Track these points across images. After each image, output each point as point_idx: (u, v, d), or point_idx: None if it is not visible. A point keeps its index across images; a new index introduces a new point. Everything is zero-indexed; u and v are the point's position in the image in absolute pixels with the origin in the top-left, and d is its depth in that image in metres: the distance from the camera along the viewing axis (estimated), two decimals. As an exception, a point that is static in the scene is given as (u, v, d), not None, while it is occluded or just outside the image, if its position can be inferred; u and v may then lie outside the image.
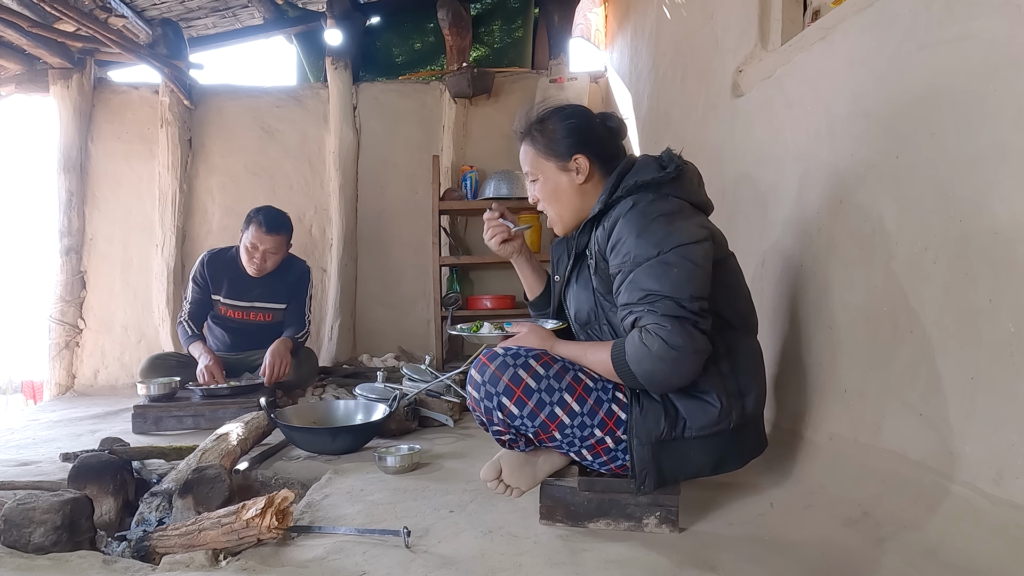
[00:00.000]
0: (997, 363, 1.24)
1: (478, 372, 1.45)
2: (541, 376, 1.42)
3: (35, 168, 7.31)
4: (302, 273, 3.29)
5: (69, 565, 1.33)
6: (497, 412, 1.44)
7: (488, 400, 1.44)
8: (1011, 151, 1.21)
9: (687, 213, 1.44)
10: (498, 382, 1.42)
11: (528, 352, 1.45)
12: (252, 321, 3.21)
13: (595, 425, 1.43)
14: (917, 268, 1.44)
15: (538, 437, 1.47)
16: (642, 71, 3.51)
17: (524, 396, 1.41)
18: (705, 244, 1.39)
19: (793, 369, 1.93)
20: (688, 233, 1.38)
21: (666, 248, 1.35)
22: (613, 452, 1.46)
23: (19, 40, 3.60)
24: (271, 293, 3.20)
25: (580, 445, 1.45)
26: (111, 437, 2.25)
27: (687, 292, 1.33)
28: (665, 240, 1.36)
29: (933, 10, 1.40)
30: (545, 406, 1.41)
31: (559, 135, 1.57)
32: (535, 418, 1.42)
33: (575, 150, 1.55)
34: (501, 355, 1.44)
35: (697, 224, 1.43)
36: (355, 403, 2.49)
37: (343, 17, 4.27)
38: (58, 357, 3.95)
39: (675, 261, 1.35)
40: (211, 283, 3.18)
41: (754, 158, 2.22)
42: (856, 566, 1.28)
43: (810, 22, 2.09)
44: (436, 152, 4.12)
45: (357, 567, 1.32)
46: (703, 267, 1.37)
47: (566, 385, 1.42)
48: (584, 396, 1.42)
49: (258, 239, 3.06)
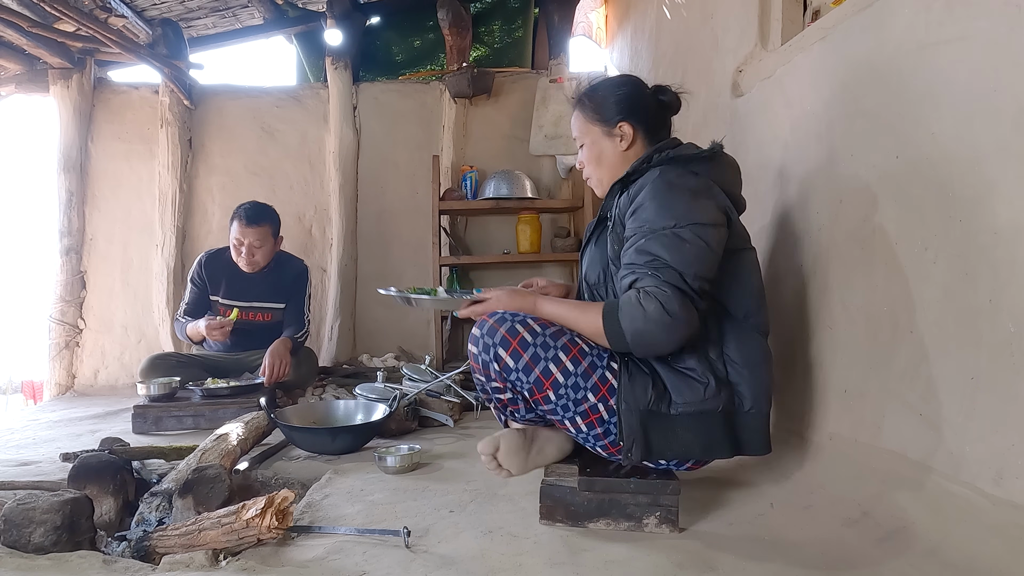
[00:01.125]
0: (997, 363, 1.24)
1: (478, 327, 1.50)
2: (537, 333, 1.45)
3: (35, 168, 7.31)
4: (299, 272, 3.29)
5: (69, 565, 1.33)
6: (493, 364, 1.47)
7: (485, 353, 1.48)
8: (1011, 151, 1.21)
9: (712, 193, 1.45)
10: (495, 333, 1.46)
11: (526, 314, 1.49)
12: (251, 321, 3.20)
13: (588, 388, 1.44)
14: (917, 268, 1.44)
15: (533, 396, 1.49)
16: (642, 71, 3.51)
17: (520, 348, 1.44)
18: (721, 229, 1.41)
19: (793, 369, 1.93)
20: (707, 214, 1.40)
21: (683, 223, 1.38)
22: (606, 424, 1.48)
23: (19, 40, 3.60)
24: (269, 293, 3.20)
25: (574, 410, 1.46)
26: (111, 437, 2.25)
27: (693, 269, 1.36)
28: (685, 215, 1.38)
29: (933, 10, 1.40)
30: (540, 360, 1.43)
31: (608, 102, 1.61)
32: (530, 372, 1.44)
33: (621, 117, 1.60)
34: (501, 312, 1.49)
35: (718, 207, 1.44)
36: (355, 403, 2.49)
37: (343, 17, 4.27)
38: (58, 357, 3.95)
39: (689, 237, 1.37)
40: (209, 283, 3.18)
41: (754, 158, 2.21)
42: (856, 566, 1.28)
43: (810, 22, 2.09)
44: (436, 152, 4.12)
45: (357, 567, 1.32)
46: (715, 250, 1.39)
47: (562, 345, 1.45)
48: (579, 358, 1.44)
49: (241, 233, 3.07)
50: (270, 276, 3.19)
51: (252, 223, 3.08)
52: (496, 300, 1.56)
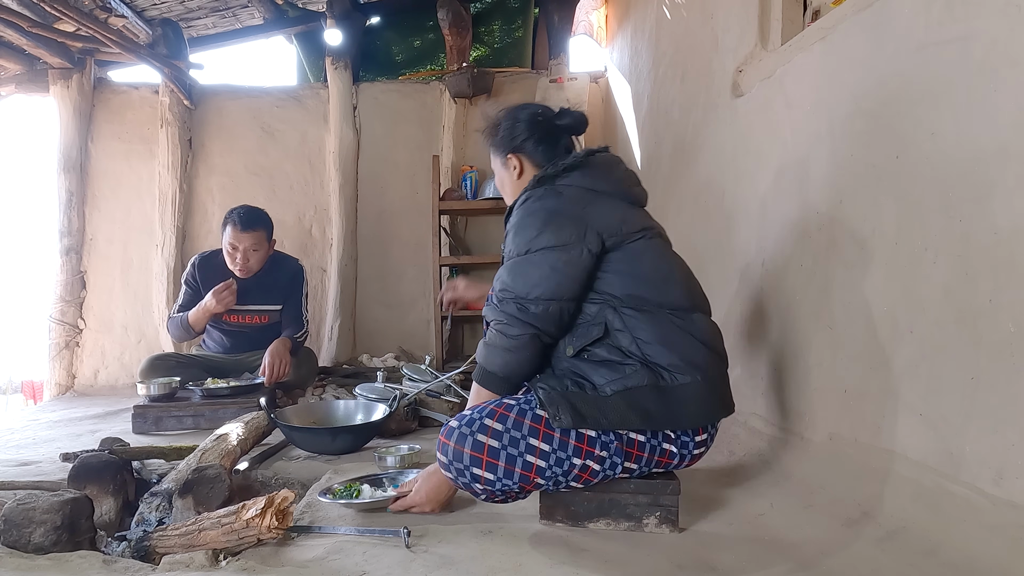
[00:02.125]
0: (997, 363, 1.24)
1: (441, 453, 1.46)
2: (500, 432, 1.41)
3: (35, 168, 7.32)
4: (295, 272, 3.24)
5: (69, 565, 1.33)
6: (475, 484, 1.44)
7: (462, 476, 1.44)
8: (1011, 151, 1.21)
9: (568, 212, 1.50)
10: (462, 456, 1.41)
11: (481, 413, 1.44)
12: (249, 324, 3.18)
13: (570, 456, 1.41)
14: (917, 268, 1.44)
15: (525, 489, 1.47)
16: (642, 71, 3.51)
17: (491, 459, 1.40)
18: (571, 250, 1.47)
19: (793, 369, 1.93)
20: (557, 237, 1.48)
21: (534, 248, 1.49)
22: (602, 473, 1.45)
23: (19, 40, 3.60)
24: (265, 295, 3.16)
25: (566, 480, 1.44)
26: (111, 437, 2.25)
27: (536, 293, 1.47)
28: (534, 240, 1.49)
29: (933, 10, 1.40)
30: (516, 459, 1.41)
31: (501, 136, 1.73)
32: (512, 475, 1.41)
33: (510, 150, 1.71)
34: (456, 428, 1.44)
35: (575, 224, 1.49)
36: (355, 403, 2.49)
37: (343, 17, 4.27)
38: (58, 357, 3.95)
39: (536, 261, 1.48)
40: (203, 287, 3.10)
41: (754, 158, 2.22)
42: (856, 566, 1.28)
43: (810, 22, 2.09)
44: (436, 152, 4.12)
45: (357, 567, 1.32)
46: (562, 271, 1.47)
47: (528, 429, 1.41)
48: (548, 432, 1.41)
49: (236, 238, 3.02)
50: (265, 278, 3.15)
51: (247, 228, 3.02)
52: (417, 492, 1.58)
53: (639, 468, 1.48)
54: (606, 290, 1.49)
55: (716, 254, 2.50)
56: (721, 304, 2.44)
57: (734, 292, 2.33)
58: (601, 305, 1.49)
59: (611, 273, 1.50)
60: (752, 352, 2.19)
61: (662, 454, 1.48)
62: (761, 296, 2.13)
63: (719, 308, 2.44)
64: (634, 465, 1.46)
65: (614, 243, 1.50)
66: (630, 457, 1.45)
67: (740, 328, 2.28)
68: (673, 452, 1.48)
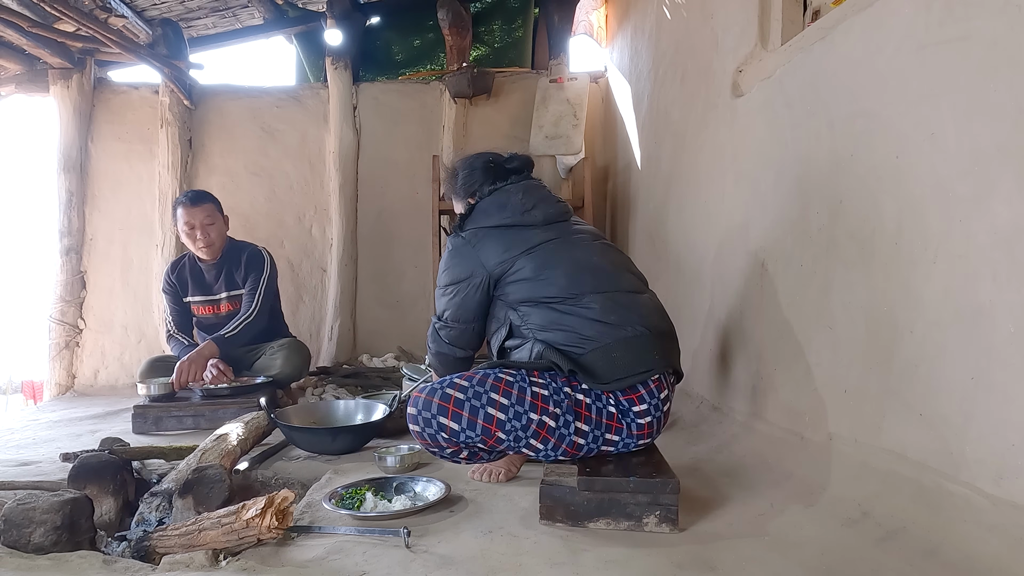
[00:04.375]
0: (997, 363, 1.24)
1: (412, 405, 1.67)
2: (466, 387, 1.63)
3: (35, 168, 7.32)
4: (252, 254, 3.20)
5: (69, 565, 1.33)
6: (441, 433, 1.63)
7: (428, 426, 1.63)
8: (1011, 151, 1.21)
9: (463, 252, 1.82)
10: (431, 405, 1.63)
11: (450, 376, 1.69)
12: (224, 314, 3.17)
13: (527, 411, 1.60)
14: (917, 268, 1.44)
15: (487, 444, 1.64)
16: (642, 71, 3.51)
17: (457, 408, 1.61)
18: (470, 284, 1.80)
19: (793, 369, 1.93)
20: (457, 274, 1.82)
21: (444, 283, 1.86)
22: (558, 431, 1.61)
23: (19, 40, 3.60)
24: (229, 281, 3.16)
25: (526, 436, 1.61)
26: (111, 437, 2.25)
27: (447, 314, 1.85)
28: (442, 276, 1.86)
29: (933, 10, 1.40)
30: (478, 411, 1.60)
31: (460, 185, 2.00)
32: (475, 426, 1.60)
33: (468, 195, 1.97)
34: (428, 385, 1.70)
35: (469, 261, 1.80)
36: (355, 403, 2.49)
37: (343, 17, 4.27)
38: (58, 357, 3.95)
39: (448, 292, 1.84)
40: (179, 286, 3.17)
41: (754, 158, 2.21)
42: (856, 566, 1.28)
43: (810, 22, 2.09)
44: (436, 152, 4.12)
45: (357, 567, 1.32)
46: (462, 301, 1.82)
47: (489, 386, 1.62)
48: (508, 389, 1.62)
49: (189, 215, 3.03)
50: (225, 264, 3.15)
51: (196, 202, 3.05)
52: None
53: (591, 431, 1.63)
54: (507, 297, 1.78)
55: (716, 254, 2.50)
56: (721, 304, 2.44)
57: (734, 292, 2.33)
58: (505, 309, 1.79)
59: (509, 284, 1.77)
60: (752, 352, 2.19)
61: (609, 417, 1.64)
62: (761, 296, 2.13)
63: (719, 308, 2.45)
64: (585, 427, 1.63)
65: (503, 268, 1.77)
66: (579, 417, 1.62)
67: (740, 328, 2.28)
68: (619, 417, 1.65)
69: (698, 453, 2.14)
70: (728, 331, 2.38)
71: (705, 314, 2.56)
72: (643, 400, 1.64)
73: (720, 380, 2.43)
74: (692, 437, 2.30)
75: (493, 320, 1.83)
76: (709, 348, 2.51)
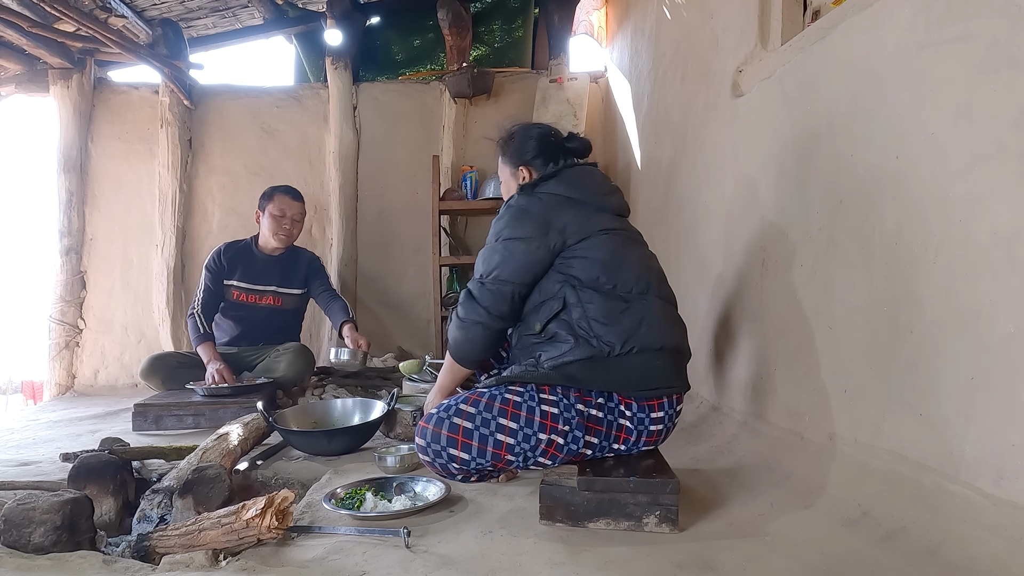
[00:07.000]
0: (997, 363, 1.24)
1: (420, 437, 1.63)
2: (473, 415, 1.59)
3: (35, 168, 7.32)
4: (311, 259, 3.43)
5: (69, 565, 1.33)
6: (452, 464, 1.61)
7: (439, 457, 1.61)
8: (1011, 151, 1.21)
9: (535, 213, 1.69)
10: (440, 437, 1.60)
11: (456, 400, 1.63)
12: (262, 305, 3.27)
13: (536, 431, 1.57)
14: (917, 268, 1.44)
15: (497, 467, 1.64)
16: (642, 71, 3.51)
17: (466, 439, 1.58)
18: (532, 243, 1.68)
19: (793, 369, 1.93)
20: (522, 230, 1.68)
21: (502, 237, 1.71)
22: (566, 447, 1.60)
23: (19, 40, 3.60)
24: (284, 279, 3.31)
25: (534, 456, 1.60)
26: (111, 437, 2.25)
27: (493, 273, 1.69)
28: (502, 231, 1.72)
29: (933, 10, 1.40)
30: (487, 439, 1.58)
31: (514, 150, 1.95)
32: (484, 454, 1.59)
33: (522, 162, 1.93)
34: (434, 413, 1.63)
35: (540, 222, 1.68)
36: (352, 403, 2.48)
37: (343, 17, 4.27)
38: (58, 357, 3.95)
39: (499, 248, 1.70)
40: (227, 267, 3.25)
41: (754, 158, 2.21)
42: (856, 566, 1.28)
43: (810, 22, 2.09)
44: (436, 152, 4.12)
45: (357, 567, 1.32)
46: (519, 258, 1.68)
47: (497, 410, 1.59)
48: (516, 412, 1.58)
49: (286, 204, 3.24)
50: (285, 261, 3.32)
51: (297, 198, 3.29)
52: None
53: (599, 442, 1.62)
54: (569, 272, 1.67)
55: (716, 254, 2.50)
56: (721, 304, 2.44)
57: (734, 292, 2.33)
58: (563, 284, 1.67)
59: (576, 259, 1.67)
60: (752, 352, 2.19)
61: (619, 428, 1.63)
62: (761, 296, 2.13)
63: (719, 307, 2.45)
64: (595, 439, 1.61)
65: (578, 238, 1.68)
66: (590, 431, 1.60)
67: (739, 328, 2.28)
68: (630, 428, 1.63)
69: (698, 453, 2.14)
70: (728, 331, 2.38)
71: (705, 314, 2.56)
72: (662, 408, 1.65)
73: (720, 380, 2.43)
74: (692, 437, 2.30)
75: (542, 293, 1.70)
76: (709, 348, 2.51)
